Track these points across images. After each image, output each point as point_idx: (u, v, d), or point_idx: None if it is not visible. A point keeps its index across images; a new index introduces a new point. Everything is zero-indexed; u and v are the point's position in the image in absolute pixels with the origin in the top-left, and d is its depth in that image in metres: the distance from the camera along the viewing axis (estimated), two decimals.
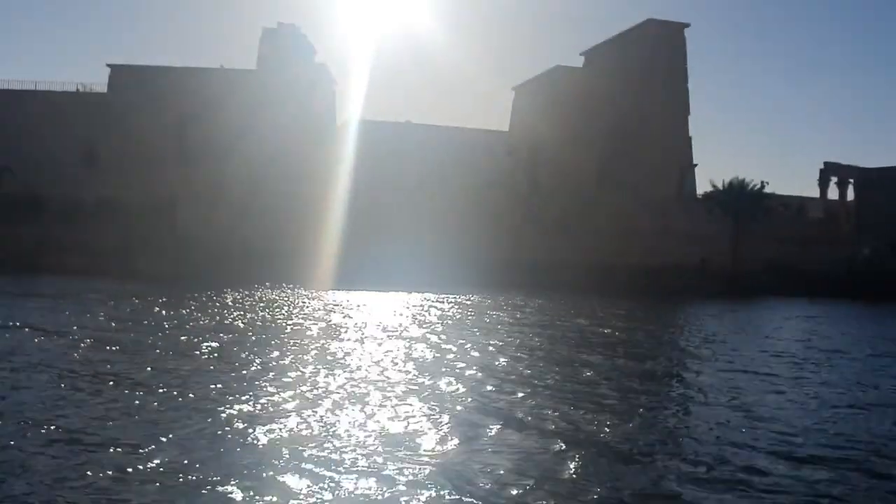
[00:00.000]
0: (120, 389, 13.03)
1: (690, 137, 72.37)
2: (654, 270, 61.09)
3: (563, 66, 79.46)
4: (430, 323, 26.94)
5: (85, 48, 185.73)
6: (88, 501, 7.74)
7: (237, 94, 71.58)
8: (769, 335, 28.21)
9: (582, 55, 78.55)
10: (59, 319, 23.19)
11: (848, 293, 57.99)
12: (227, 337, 20.64)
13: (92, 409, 11.56)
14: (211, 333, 21.23)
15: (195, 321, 24.48)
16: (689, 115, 72.08)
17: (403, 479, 8.67)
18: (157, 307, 28.69)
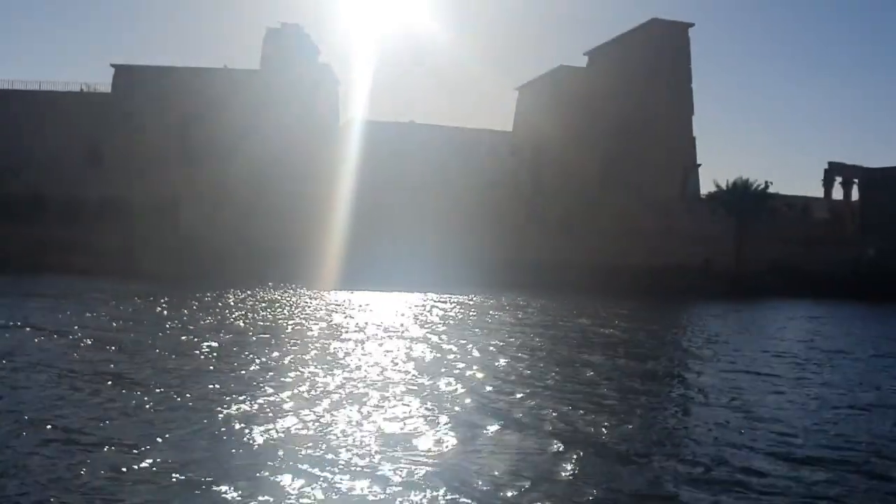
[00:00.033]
0: (118, 389, 13.03)
1: (694, 137, 72.13)
2: (657, 271, 60.90)
3: (566, 65, 79.27)
4: (431, 323, 26.91)
5: (89, 48, 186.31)
6: (83, 501, 7.75)
7: (241, 94, 71.59)
8: (772, 336, 28.11)
9: (586, 55, 78.32)
10: (60, 319, 23.21)
11: (853, 294, 57.74)
12: (227, 337, 20.63)
13: (89, 408, 11.57)
14: (211, 333, 21.23)
15: (196, 321, 24.48)
16: (692, 115, 71.91)
17: (399, 479, 8.67)
18: (158, 307, 28.71)
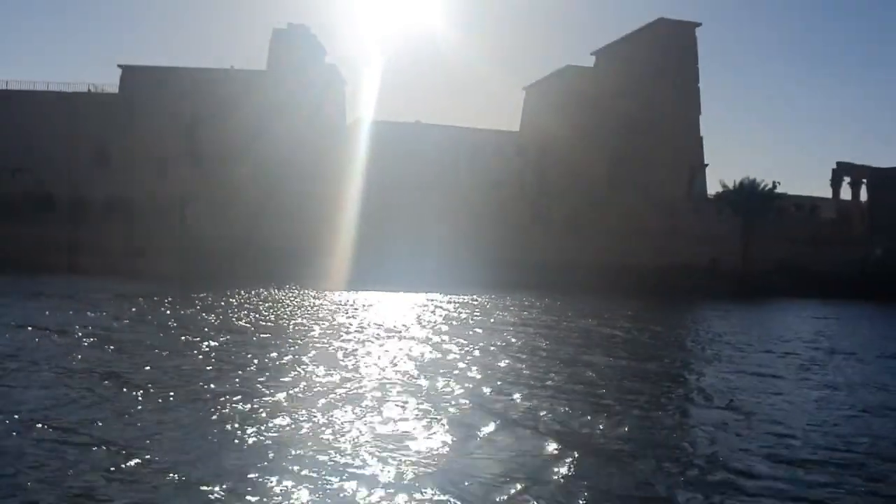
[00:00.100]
0: (115, 389, 13.04)
1: (701, 137, 71.90)
2: (664, 271, 60.76)
3: (573, 65, 79.10)
4: (433, 323, 26.88)
5: (96, 49, 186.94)
6: (73, 501, 7.72)
7: (248, 94, 71.66)
8: (776, 336, 27.95)
9: (592, 55, 78.19)
10: (62, 319, 23.27)
11: (860, 294, 57.50)
12: (228, 337, 20.64)
13: (85, 408, 11.57)
14: (213, 333, 21.25)
15: (199, 321, 24.51)
16: (699, 114, 71.73)
17: (389, 480, 8.63)
18: (162, 307, 28.78)
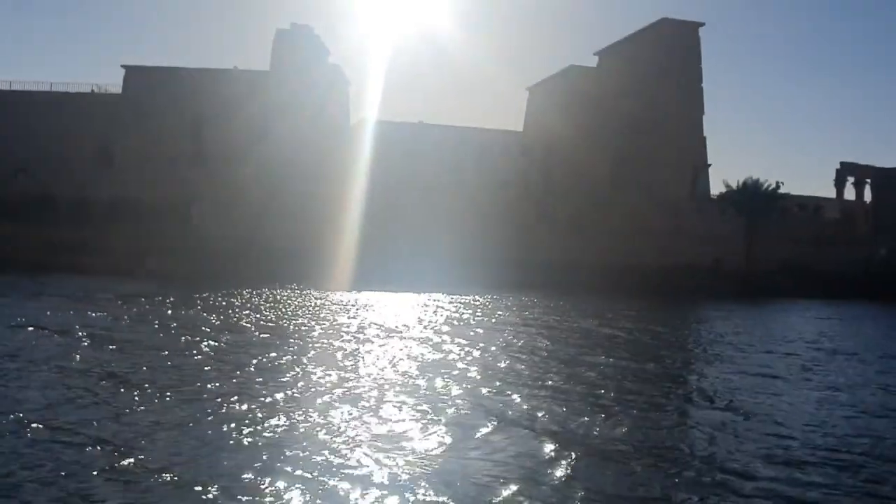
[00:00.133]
0: (112, 389, 13.05)
1: (705, 137, 71.86)
2: (667, 271, 60.56)
3: (577, 65, 79.05)
4: (435, 323, 26.86)
5: (100, 49, 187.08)
6: (69, 500, 7.71)
7: (252, 95, 71.72)
8: (778, 336, 27.90)
9: (596, 55, 78.17)
10: (64, 319, 23.28)
11: (864, 294, 57.34)
12: (228, 337, 20.65)
13: (83, 407, 11.58)
14: (214, 333, 21.25)
15: (200, 321, 24.50)
16: (703, 114, 71.63)
17: (387, 480, 8.62)
18: (165, 307, 28.78)
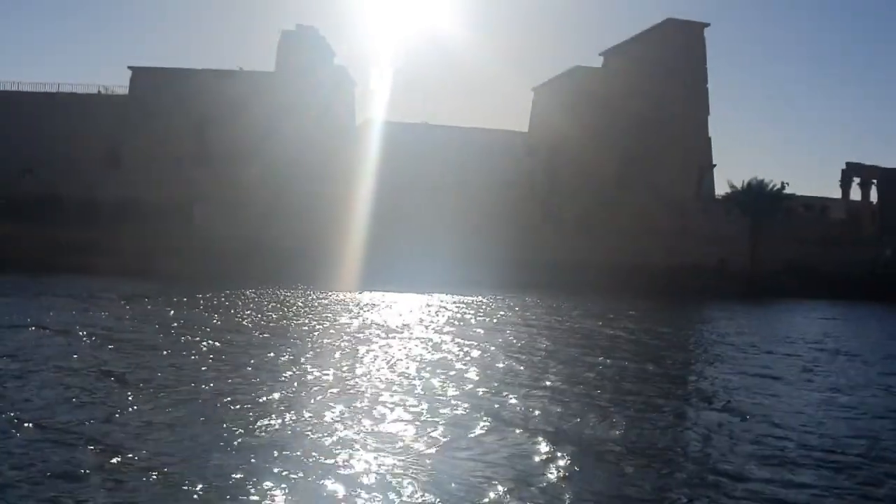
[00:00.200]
0: (110, 389, 13.07)
1: (710, 138, 71.81)
2: (674, 271, 60.38)
3: (582, 66, 78.99)
4: (437, 323, 26.83)
5: (106, 51, 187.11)
6: (57, 500, 7.73)
7: (257, 95, 71.81)
8: (781, 337, 27.80)
9: (601, 55, 78.17)
10: (66, 319, 23.31)
11: (870, 294, 57.09)
12: (228, 337, 20.66)
13: (78, 407, 11.59)
14: (214, 333, 21.26)
15: (202, 321, 24.52)
16: (708, 115, 71.57)
17: (377, 481, 8.60)
18: (167, 307, 28.79)
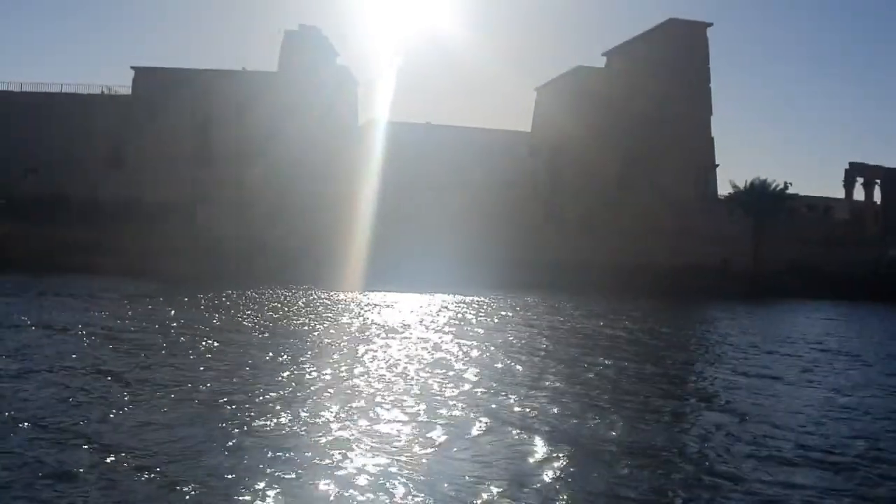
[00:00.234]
0: (107, 388, 13.06)
1: (713, 138, 71.65)
2: (676, 271, 60.28)
3: (585, 66, 78.86)
4: (437, 323, 26.79)
5: (109, 51, 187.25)
6: (55, 500, 7.71)
7: (260, 96, 71.83)
8: (784, 337, 27.70)
9: (604, 55, 78.11)
10: (66, 318, 23.31)
11: (873, 295, 56.93)
12: (227, 337, 20.65)
13: (74, 406, 11.58)
14: (213, 333, 21.27)
15: (202, 321, 24.52)
16: (711, 115, 71.42)
17: (370, 482, 8.58)
18: (169, 307, 28.79)
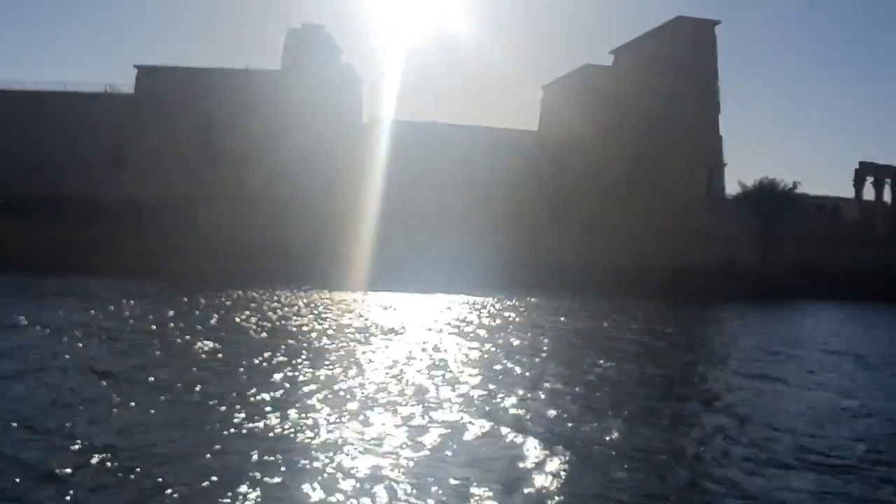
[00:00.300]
0: (100, 388, 13.01)
1: (721, 136, 71.36)
2: (681, 271, 60.02)
3: (592, 64, 78.66)
4: (438, 324, 26.71)
5: (112, 50, 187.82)
6: (45, 501, 7.59)
7: (264, 94, 71.80)
8: (789, 338, 27.51)
9: (611, 53, 77.89)
10: (67, 319, 23.29)
11: (882, 295, 56.56)
12: (225, 336, 20.57)
13: (65, 407, 11.48)
14: (212, 333, 21.18)
15: (201, 321, 24.44)
16: (719, 113, 71.11)
17: (362, 484, 8.44)
18: (169, 307, 28.72)
